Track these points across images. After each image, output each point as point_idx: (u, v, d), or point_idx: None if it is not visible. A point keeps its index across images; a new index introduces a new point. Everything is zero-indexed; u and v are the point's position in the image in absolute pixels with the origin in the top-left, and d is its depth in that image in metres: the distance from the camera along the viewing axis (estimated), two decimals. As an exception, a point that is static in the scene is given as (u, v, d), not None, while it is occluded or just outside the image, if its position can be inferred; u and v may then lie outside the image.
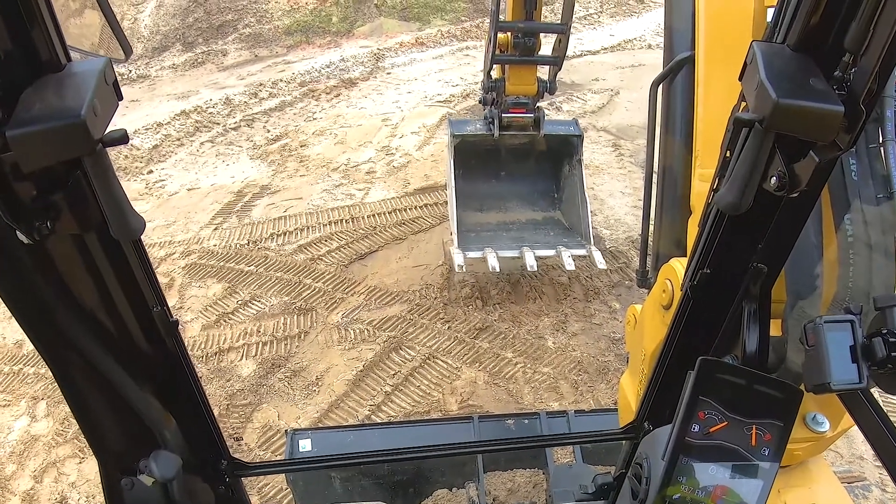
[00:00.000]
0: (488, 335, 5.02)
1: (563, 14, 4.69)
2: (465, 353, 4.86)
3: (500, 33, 4.72)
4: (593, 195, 6.49)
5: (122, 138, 0.84)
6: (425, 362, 4.78)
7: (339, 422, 4.33)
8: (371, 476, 3.22)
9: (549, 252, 4.93)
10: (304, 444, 2.98)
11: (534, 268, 4.81)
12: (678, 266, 1.64)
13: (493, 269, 4.79)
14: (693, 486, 1.25)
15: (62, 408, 4.45)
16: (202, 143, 8.00)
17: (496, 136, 5.12)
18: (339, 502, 3.14)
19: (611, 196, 6.71)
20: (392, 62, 10.03)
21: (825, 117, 0.91)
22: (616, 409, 2.25)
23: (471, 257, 4.85)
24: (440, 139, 7.57)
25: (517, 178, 5.60)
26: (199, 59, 10.33)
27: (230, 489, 1.51)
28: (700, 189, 1.91)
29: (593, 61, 9.97)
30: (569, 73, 9.12)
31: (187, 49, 10.58)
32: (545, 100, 5.67)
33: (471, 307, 5.23)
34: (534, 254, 4.84)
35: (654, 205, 2.41)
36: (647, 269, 2.53)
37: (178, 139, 8.07)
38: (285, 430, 3.17)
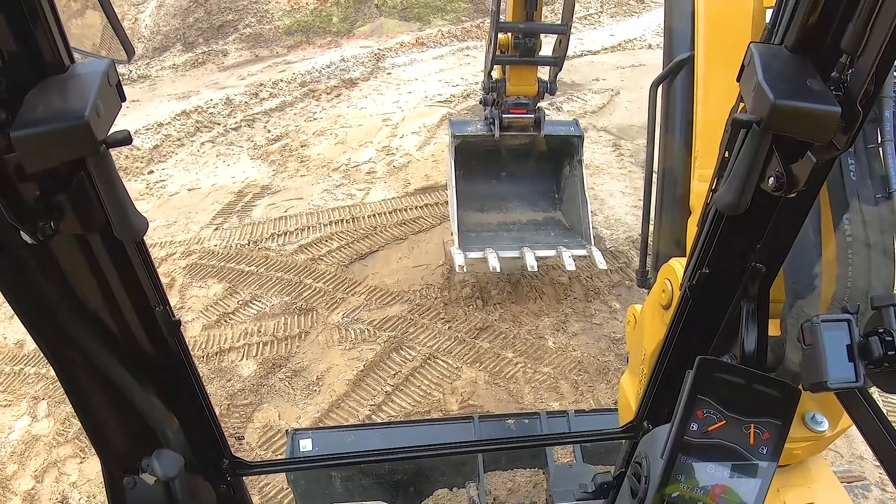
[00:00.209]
0: (489, 335, 5.02)
1: (564, 14, 4.69)
2: (465, 353, 4.87)
3: (500, 34, 4.72)
4: (594, 195, 6.49)
5: (126, 139, 0.85)
6: (426, 362, 4.78)
7: (339, 422, 4.34)
8: (371, 475, 3.23)
9: (550, 252, 4.93)
10: (305, 444, 2.99)
11: (534, 268, 4.82)
12: (678, 266, 1.65)
13: (494, 269, 4.80)
14: (692, 484, 1.26)
15: (63, 408, 4.46)
16: (203, 144, 8.01)
17: (497, 136, 5.12)
18: (340, 502, 3.15)
19: (611, 196, 6.72)
20: (392, 62, 10.04)
21: (822, 118, 0.91)
22: (616, 409, 2.25)
23: (471, 257, 4.85)
24: (441, 139, 7.57)
25: (518, 179, 5.60)
26: (200, 60, 10.34)
27: (231, 488, 1.52)
28: (699, 189, 1.91)
29: (594, 61, 9.97)
30: (569, 74, 9.13)
31: (188, 49, 10.58)
32: (546, 100, 5.68)
33: (471, 307, 5.24)
34: (534, 254, 4.85)
35: (653, 205, 2.41)
36: (647, 269, 2.54)
37: (179, 139, 8.07)
38: (286, 430, 3.18)
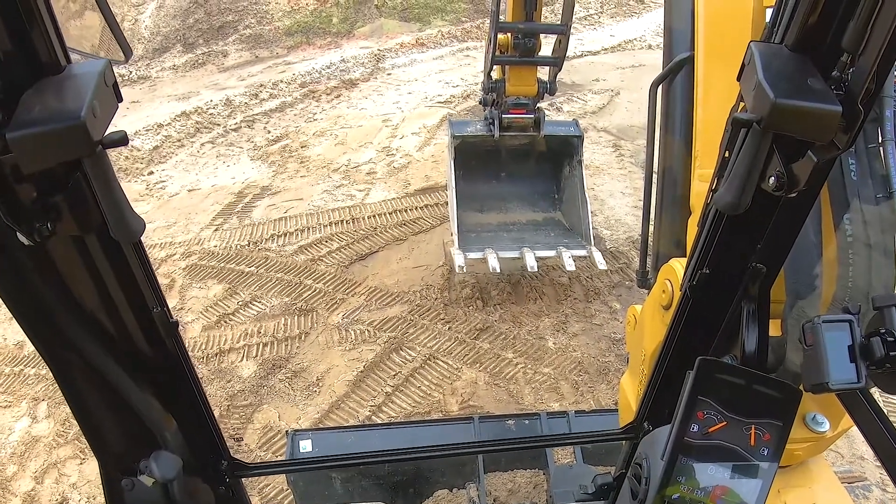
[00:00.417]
0: (489, 336, 5.02)
1: (563, 15, 4.69)
2: (465, 353, 4.86)
3: (500, 34, 4.72)
4: (594, 196, 6.49)
5: (122, 140, 0.84)
6: (426, 363, 4.78)
7: (339, 423, 4.33)
8: (371, 477, 3.22)
9: (550, 253, 4.93)
10: (305, 445, 2.98)
11: (534, 268, 4.82)
12: (678, 266, 1.64)
13: (494, 269, 4.79)
14: (692, 486, 1.25)
15: (63, 409, 4.46)
16: (203, 145, 8.01)
17: (496, 136, 5.12)
18: (340, 503, 3.14)
19: (611, 196, 6.71)
20: (392, 63, 10.03)
21: (823, 117, 0.91)
22: (616, 410, 2.25)
23: (471, 258, 4.85)
24: (441, 140, 7.57)
25: (517, 179, 5.60)
26: (200, 61, 10.33)
27: (230, 490, 1.51)
28: (700, 189, 1.91)
29: (594, 62, 9.97)
30: (569, 74, 9.12)
31: (188, 50, 10.58)
32: (545, 100, 5.67)
33: (471, 308, 5.23)
34: (534, 254, 4.84)
35: (654, 205, 2.41)
36: (647, 269, 2.53)
37: (179, 140, 8.07)
38: (286, 431, 3.17)
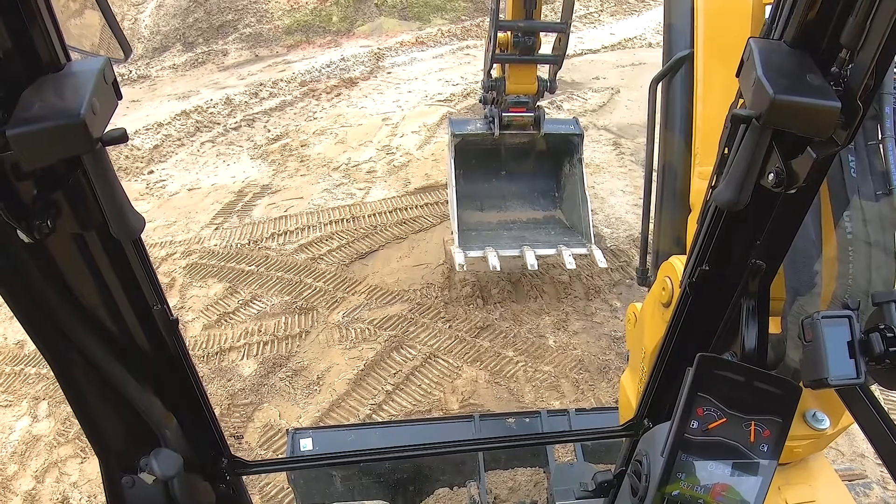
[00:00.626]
0: (489, 334, 5.02)
1: (563, 13, 4.69)
2: (466, 351, 4.87)
3: (500, 32, 4.71)
4: (594, 194, 6.49)
5: (122, 137, 0.84)
6: (426, 361, 4.78)
7: (340, 421, 4.34)
8: (372, 475, 3.22)
9: (550, 251, 4.93)
10: (305, 443, 2.99)
11: (534, 267, 4.82)
12: (678, 263, 1.64)
13: (494, 268, 4.79)
14: (692, 482, 1.25)
15: (63, 408, 4.46)
16: (203, 143, 8.01)
17: (496, 135, 5.12)
18: (340, 501, 3.15)
19: (611, 194, 6.71)
20: (392, 61, 10.03)
21: (822, 113, 0.91)
22: (616, 407, 2.25)
23: (471, 256, 4.85)
24: (441, 138, 7.57)
25: (518, 177, 5.60)
26: (200, 59, 10.33)
27: (231, 487, 1.51)
28: (699, 186, 1.91)
29: (594, 60, 9.96)
30: (569, 72, 9.12)
31: (188, 49, 10.58)
32: (545, 99, 5.67)
33: (472, 306, 5.23)
34: (534, 253, 4.85)
35: (653, 203, 2.41)
36: (647, 266, 2.53)
37: (179, 139, 8.07)
38: (286, 430, 3.17)
